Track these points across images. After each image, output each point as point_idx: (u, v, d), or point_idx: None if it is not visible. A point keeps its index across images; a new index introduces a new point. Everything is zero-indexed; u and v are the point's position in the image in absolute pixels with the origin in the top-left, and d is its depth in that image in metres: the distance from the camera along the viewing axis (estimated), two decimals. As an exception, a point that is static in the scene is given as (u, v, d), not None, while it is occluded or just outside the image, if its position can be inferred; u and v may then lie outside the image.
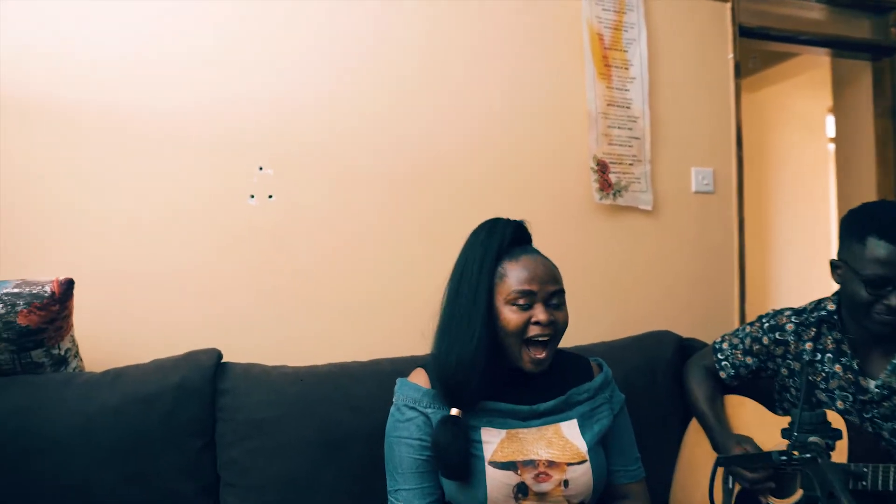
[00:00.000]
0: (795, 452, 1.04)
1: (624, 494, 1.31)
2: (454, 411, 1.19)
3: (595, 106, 2.08)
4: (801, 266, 4.06)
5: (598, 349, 1.77)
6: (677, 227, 2.20)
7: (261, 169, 1.75)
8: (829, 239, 4.08)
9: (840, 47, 2.73)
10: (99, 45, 1.63)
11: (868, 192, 2.81)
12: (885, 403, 1.39)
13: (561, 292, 1.24)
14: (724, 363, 1.64)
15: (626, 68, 2.16)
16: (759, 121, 4.20)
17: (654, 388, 1.75)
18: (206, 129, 1.70)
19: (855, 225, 1.42)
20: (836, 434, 1.08)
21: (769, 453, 1.06)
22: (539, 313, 1.19)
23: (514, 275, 1.20)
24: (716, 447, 1.53)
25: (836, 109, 3.07)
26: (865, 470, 1.26)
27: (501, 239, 1.23)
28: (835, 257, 1.48)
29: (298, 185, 1.78)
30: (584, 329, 1.96)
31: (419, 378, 1.28)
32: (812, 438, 1.05)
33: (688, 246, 2.22)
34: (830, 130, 4.13)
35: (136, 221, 1.65)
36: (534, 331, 1.19)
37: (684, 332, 1.98)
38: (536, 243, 1.39)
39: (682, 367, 1.75)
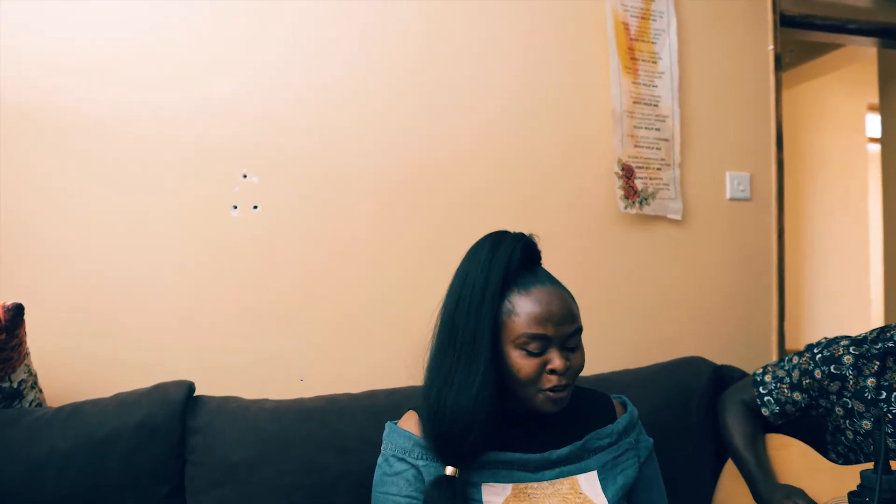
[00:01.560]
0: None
1: (650, 561, 1.11)
2: (449, 470, 1.00)
3: (620, 104, 1.87)
4: (839, 279, 3.81)
5: (623, 378, 1.57)
6: (710, 238, 1.98)
7: (245, 177, 1.58)
8: (868, 249, 3.82)
9: (892, 37, 2.49)
10: (67, 46, 1.46)
11: (919, 198, 2.57)
12: (966, 455, 1.18)
13: (578, 332, 1.04)
14: (766, 398, 1.42)
15: (655, 62, 1.95)
16: (794, 120, 3.94)
17: (686, 424, 1.54)
18: (183, 134, 1.53)
19: None
20: (922, 502, 0.88)
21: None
22: (555, 359, 0.99)
23: (524, 312, 1.00)
24: (759, 500, 1.31)
25: (883, 106, 2.83)
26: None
27: (508, 262, 1.02)
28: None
29: (286, 194, 1.60)
30: (606, 354, 1.77)
31: (410, 423, 1.08)
32: (898, 514, 0.85)
33: (721, 259, 2.00)
34: (870, 129, 3.88)
35: (103, 236, 1.48)
36: (549, 381, 1.00)
37: (717, 356, 1.78)
38: (553, 258, 1.19)
39: (716, 398, 1.55)
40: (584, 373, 1.57)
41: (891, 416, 1.27)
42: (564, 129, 1.83)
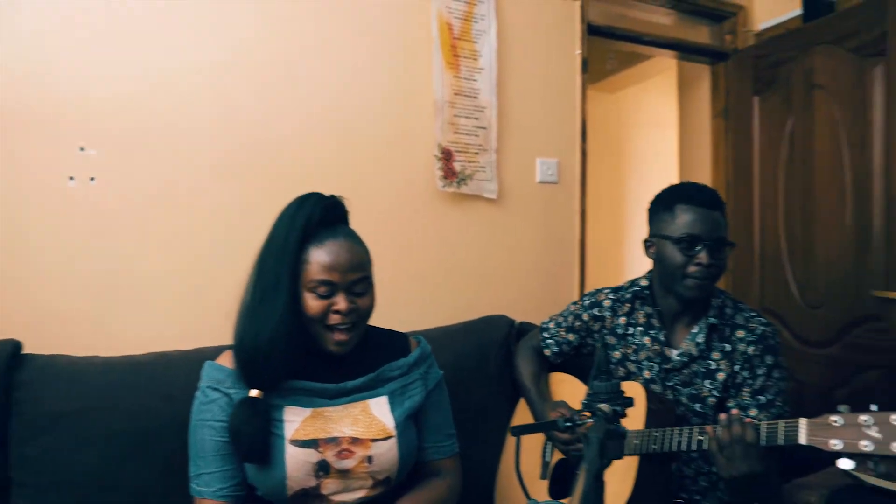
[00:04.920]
0: (584, 415, 1.08)
1: (435, 471, 1.33)
2: (253, 392, 1.16)
3: (442, 95, 2.10)
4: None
5: (431, 334, 1.77)
6: (521, 216, 2.27)
7: (82, 150, 1.64)
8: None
9: (681, 50, 2.92)
10: None
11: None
12: (684, 371, 1.50)
13: (365, 279, 1.22)
14: (548, 341, 1.71)
15: (475, 59, 2.20)
16: (618, 119, 4.44)
17: (484, 371, 1.79)
18: (17, 106, 1.57)
19: (663, 200, 1.53)
20: (628, 402, 1.13)
21: (555, 420, 1.11)
22: (340, 302, 1.18)
23: (315, 261, 1.17)
24: (535, 416, 1.59)
25: (681, 110, 3.29)
26: (657, 434, 1.34)
27: (307, 218, 1.19)
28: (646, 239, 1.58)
29: (123, 167, 1.68)
30: (424, 315, 1.99)
31: (225, 359, 1.24)
32: (600, 405, 1.10)
33: (532, 235, 2.29)
34: (685, 130, 4.43)
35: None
36: (334, 319, 1.19)
37: (526, 319, 2.04)
38: (381, 230, 1.36)
39: (514, 349, 1.81)
40: (400, 329, 1.78)
41: (634, 347, 1.57)
42: (392, 117, 2.04)
